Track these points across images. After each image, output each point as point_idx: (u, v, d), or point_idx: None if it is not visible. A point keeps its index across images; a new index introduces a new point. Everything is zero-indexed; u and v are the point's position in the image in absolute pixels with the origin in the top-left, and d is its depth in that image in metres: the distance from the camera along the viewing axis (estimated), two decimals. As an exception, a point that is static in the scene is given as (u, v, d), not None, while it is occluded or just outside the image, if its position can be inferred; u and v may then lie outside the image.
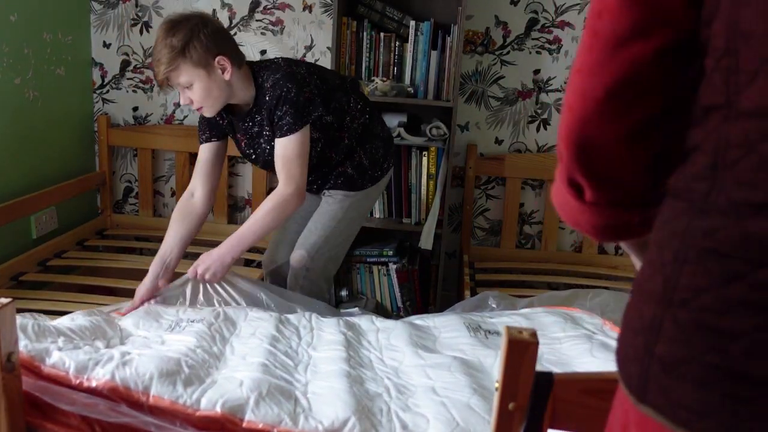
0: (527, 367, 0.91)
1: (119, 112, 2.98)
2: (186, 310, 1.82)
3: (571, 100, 0.64)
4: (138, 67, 2.92)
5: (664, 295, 0.57)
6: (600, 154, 0.64)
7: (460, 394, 1.39)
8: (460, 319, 1.87)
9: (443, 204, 2.59)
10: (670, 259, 0.58)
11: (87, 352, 1.32)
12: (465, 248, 2.85)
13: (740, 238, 0.52)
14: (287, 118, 1.87)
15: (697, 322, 0.54)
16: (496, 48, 2.75)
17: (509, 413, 0.92)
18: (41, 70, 2.56)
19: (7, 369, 1.00)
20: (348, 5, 2.63)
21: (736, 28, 0.53)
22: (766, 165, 0.51)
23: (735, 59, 0.53)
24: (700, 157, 0.57)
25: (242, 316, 1.81)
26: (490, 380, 1.48)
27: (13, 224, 2.42)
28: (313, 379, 1.46)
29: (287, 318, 1.83)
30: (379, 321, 1.88)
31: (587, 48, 0.62)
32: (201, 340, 1.57)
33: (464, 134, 2.85)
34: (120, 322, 1.70)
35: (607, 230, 0.69)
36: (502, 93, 2.79)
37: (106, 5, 2.86)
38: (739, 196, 0.53)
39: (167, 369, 1.29)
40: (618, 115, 0.62)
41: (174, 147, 2.91)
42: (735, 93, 0.54)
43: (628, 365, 0.61)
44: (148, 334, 1.63)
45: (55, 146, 2.71)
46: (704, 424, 0.53)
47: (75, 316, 1.64)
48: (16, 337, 1.01)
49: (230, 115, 2.00)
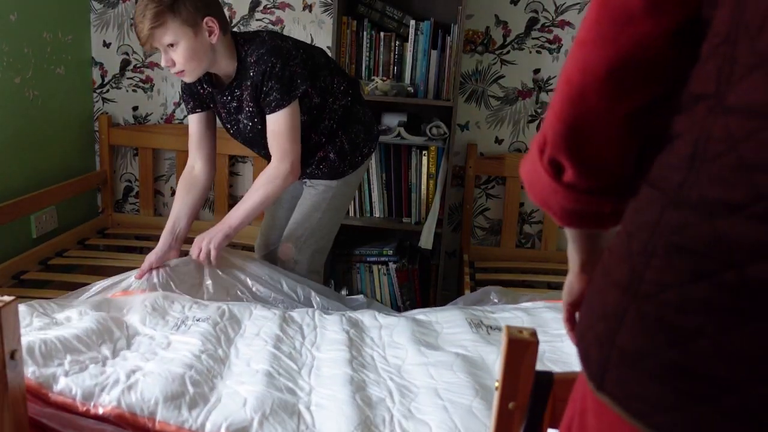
0: (527, 367, 0.91)
1: (119, 111, 2.98)
2: (192, 307, 1.82)
3: (570, 73, 0.60)
4: (138, 67, 2.93)
5: (630, 286, 0.56)
6: (591, 136, 0.61)
7: (463, 397, 1.39)
8: (461, 314, 1.87)
9: (443, 203, 2.60)
10: (638, 250, 0.56)
11: (93, 376, 1.32)
12: (465, 248, 2.85)
13: (711, 237, 0.51)
14: (274, 93, 1.84)
15: (660, 317, 0.53)
16: (496, 47, 2.76)
17: (509, 413, 0.93)
18: (41, 70, 2.57)
19: (11, 366, 1.01)
20: (348, 5, 2.63)
21: (741, 18, 0.50)
22: (745, 166, 0.49)
23: (733, 49, 0.51)
24: (681, 146, 0.55)
25: (247, 315, 1.81)
26: (492, 378, 1.48)
27: (14, 223, 2.42)
28: (316, 386, 1.45)
29: (291, 316, 1.83)
30: (381, 317, 1.88)
31: (594, 20, 0.58)
32: (206, 342, 1.57)
33: (464, 134, 2.85)
34: (127, 317, 1.70)
35: (576, 216, 0.67)
36: (502, 92, 2.80)
37: (106, 5, 2.86)
38: (712, 194, 0.51)
39: (172, 392, 1.28)
40: (617, 96, 0.59)
41: (174, 146, 2.91)
42: (726, 84, 0.51)
43: (588, 348, 0.60)
44: (154, 333, 1.63)
45: (55, 145, 2.71)
46: (658, 419, 0.53)
47: (83, 310, 1.64)
48: (19, 334, 1.02)
49: (210, 86, 1.97)
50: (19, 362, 1.04)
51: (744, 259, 0.49)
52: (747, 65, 0.50)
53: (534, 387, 0.92)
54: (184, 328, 1.66)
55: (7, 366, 1.00)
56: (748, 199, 0.49)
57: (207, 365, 1.48)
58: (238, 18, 2.82)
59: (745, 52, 0.50)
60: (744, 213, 0.49)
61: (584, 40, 0.60)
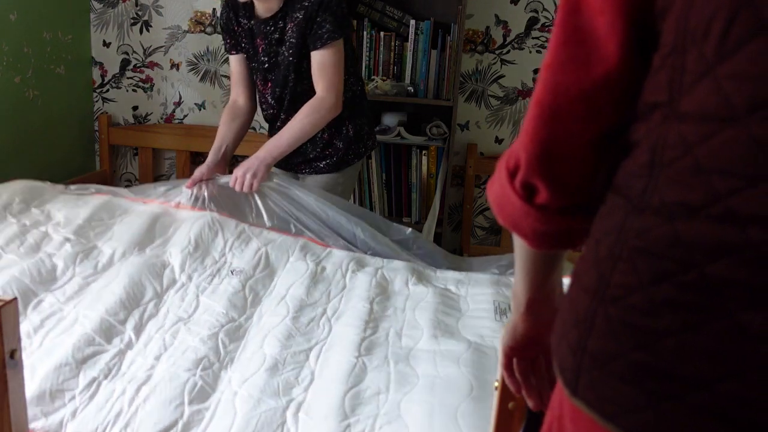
0: (527, 366, 0.91)
1: (119, 111, 2.99)
2: (233, 246, 1.89)
3: (541, 96, 0.60)
4: (138, 66, 2.93)
5: (598, 291, 0.58)
6: (566, 157, 0.61)
7: (454, 397, 1.40)
8: (493, 293, 1.84)
9: (443, 203, 2.60)
10: (605, 255, 0.58)
11: (99, 407, 1.34)
12: (465, 247, 2.86)
13: (670, 238, 0.52)
14: (327, 26, 1.88)
15: (626, 320, 0.55)
16: (496, 47, 2.76)
17: (509, 412, 0.93)
18: (41, 69, 2.57)
19: (10, 365, 1.01)
20: (348, 4, 2.63)
21: (686, 25, 0.51)
22: (701, 169, 0.51)
23: (682, 59, 0.52)
24: (640, 154, 0.56)
25: (283, 262, 1.87)
26: (496, 372, 1.49)
27: (14, 223, 2.42)
28: (317, 376, 1.48)
29: (323, 268, 1.87)
30: (412, 284, 1.87)
31: (561, 41, 0.59)
32: (230, 310, 1.65)
33: (464, 133, 2.85)
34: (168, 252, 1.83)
35: (548, 237, 0.67)
36: (502, 92, 2.80)
37: (106, 4, 2.86)
38: (671, 197, 0.52)
39: (165, 425, 1.31)
40: (591, 117, 0.59)
41: (174, 146, 2.91)
42: (678, 92, 0.52)
43: (562, 357, 0.61)
44: (188, 285, 1.74)
45: (55, 145, 2.71)
46: (630, 419, 0.54)
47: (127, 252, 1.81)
48: (18, 333, 1.02)
49: (250, 19, 2.01)
50: (19, 362, 1.04)
51: (703, 259, 0.50)
52: (696, 72, 0.51)
53: (534, 386, 0.92)
54: (216, 282, 1.75)
55: (6, 365, 1.00)
56: (705, 201, 0.50)
57: (219, 353, 1.52)
58: (238, 17, 2.82)
59: (692, 60, 0.51)
60: (702, 214, 0.50)
61: (552, 63, 0.60)
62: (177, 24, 2.85)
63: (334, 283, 1.84)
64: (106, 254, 1.81)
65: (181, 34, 2.86)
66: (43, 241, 1.81)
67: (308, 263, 1.89)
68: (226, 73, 2.87)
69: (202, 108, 2.93)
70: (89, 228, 1.89)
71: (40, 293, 1.61)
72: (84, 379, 1.40)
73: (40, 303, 1.59)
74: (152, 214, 1.97)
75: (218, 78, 2.89)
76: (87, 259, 1.78)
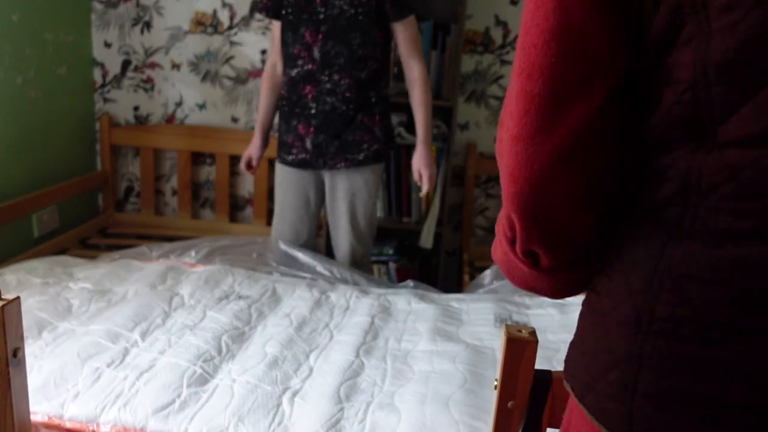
0: (526, 366, 0.92)
1: (120, 111, 2.99)
2: (242, 282, 2.00)
3: (515, 170, 0.57)
4: (139, 67, 2.93)
5: (639, 325, 0.54)
6: (557, 219, 0.59)
7: (447, 387, 1.43)
8: (494, 307, 1.90)
9: (443, 203, 2.60)
10: (641, 287, 0.55)
11: (101, 390, 1.39)
12: (465, 247, 2.86)
13: (720, 264, 0.50)
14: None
15: (682, 353, 0.52)
16: (496, 48, 2.76)
17: (508, 411, 0.94)
18: (43, 70, 2.57)
19: (13, 364, 1.01)
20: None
21: (707, 59, 0.50)
22: (752, 192, 0.49)
23: (707, 90, 0.51)
24: (667, 184, 0.55)
25: (289, 293, 1.95)
26: (492, 370, 1.51)
27: (15, 223, 2.43)
28: (316, 370, 1.52)
29: (328, 296, 1.95)
30: (415, 302, 1.94)
31: (522, 111, 0.55)
32: (234, 321, 1.73)
33: (464, 134, 2.86)
34: (179, 287, 1.94)
35: (565, 290, 0.66)
36: (502, 93, 2.80)
37: (108, 5, 2.87)
38: (718, 224, 0.51)
39: (162, 403, 1.36)
40: (572, 176, 0.57)
41: (175, 146, 2.92)
42: (711, 124, 0.51)
43: (603, 403, 0.57)
44: (196, 305, 1.83)
45: (56, 145, 2.72)
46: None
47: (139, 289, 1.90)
48: (21, 332, 1.03)
49: None
50: (22, 360, 1.04)
51: (764, 281, 0.49)
52: (729, 103, 0.50)
53: (533, 386, 0.93)
54: (224, 303, 1.85)
55: (9, 363, 1.01)
56: (759, 226, 0.49)
57: (221, 350, 1.58)
58: (239, 18, 2.83)
59: (722, 91, 0.50)
60: (759, 237, 0.49)
61: (518, 136, 0.56)
62: (178, 24, 2.86)
63: (338, 305, 1.91)
64: (119, 294, 1.91)
65: (182, 35, 2.86)
66: (63, 290, 1.89)
67: (314, 293, 1.98)
68: (227, 73, 2.88)
69: (203, 108, 2.94)
70: (106, 280, 2.00)
71: (55, 322, 1.69)
72: (88, 369, 1.46)
73: (55, 329, 1.66)
74: (166, 266, 2.12)
75: (219, 78, 2.90)
76: (102, 299, 1.87)
